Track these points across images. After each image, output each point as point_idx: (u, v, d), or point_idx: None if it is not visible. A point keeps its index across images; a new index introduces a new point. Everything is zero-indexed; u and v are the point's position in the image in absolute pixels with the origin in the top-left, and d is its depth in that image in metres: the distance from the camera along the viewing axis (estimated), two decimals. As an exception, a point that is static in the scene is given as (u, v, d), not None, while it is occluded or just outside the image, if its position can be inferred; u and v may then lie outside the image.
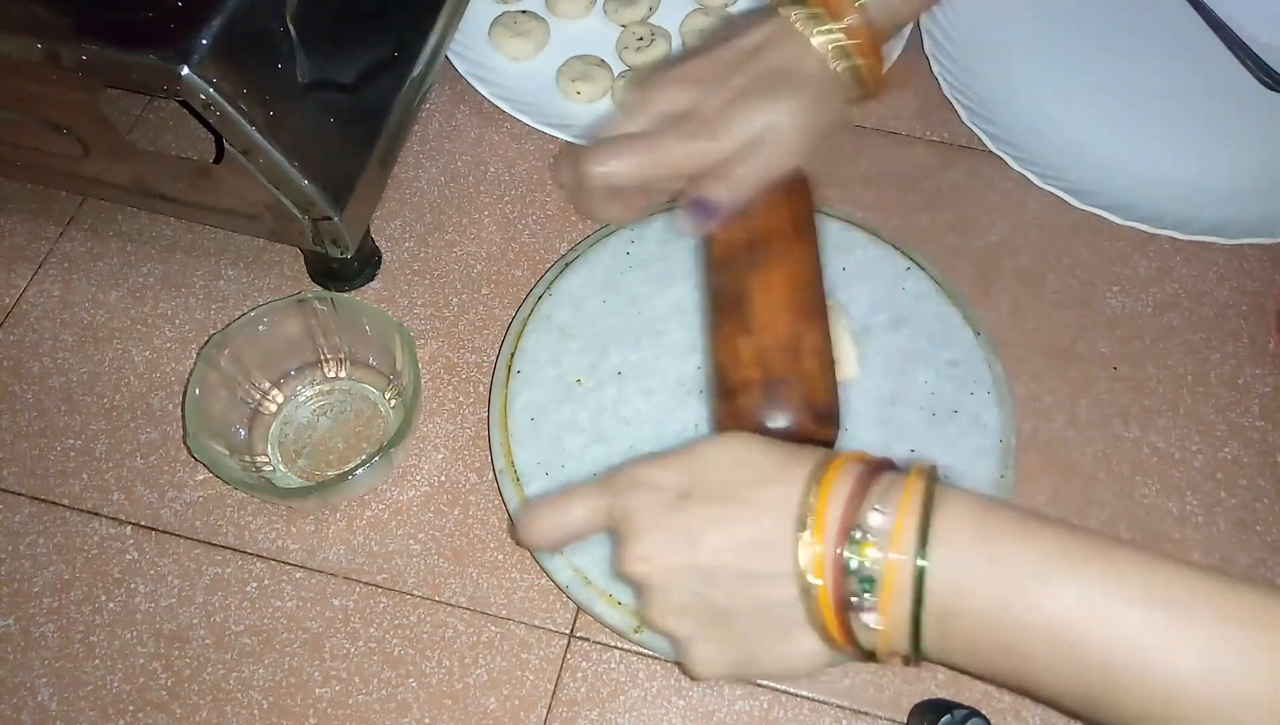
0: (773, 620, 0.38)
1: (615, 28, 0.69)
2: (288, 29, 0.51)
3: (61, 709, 0.48)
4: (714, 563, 0.37)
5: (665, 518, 0.38)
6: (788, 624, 0.37)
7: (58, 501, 0.53)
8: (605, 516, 0.41)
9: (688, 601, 0.38)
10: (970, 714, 0.44)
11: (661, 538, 0.38)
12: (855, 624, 0.36)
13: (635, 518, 0.39)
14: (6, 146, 0.56)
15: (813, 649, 0.38)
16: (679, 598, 0.38)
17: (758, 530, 0.37)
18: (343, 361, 0.56)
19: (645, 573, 0.39)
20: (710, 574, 0.38)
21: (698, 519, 0.38)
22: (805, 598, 0.36)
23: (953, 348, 0.54)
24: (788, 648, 0.38)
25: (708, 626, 0.39)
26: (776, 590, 0.37)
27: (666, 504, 0.39)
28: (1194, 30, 0.69)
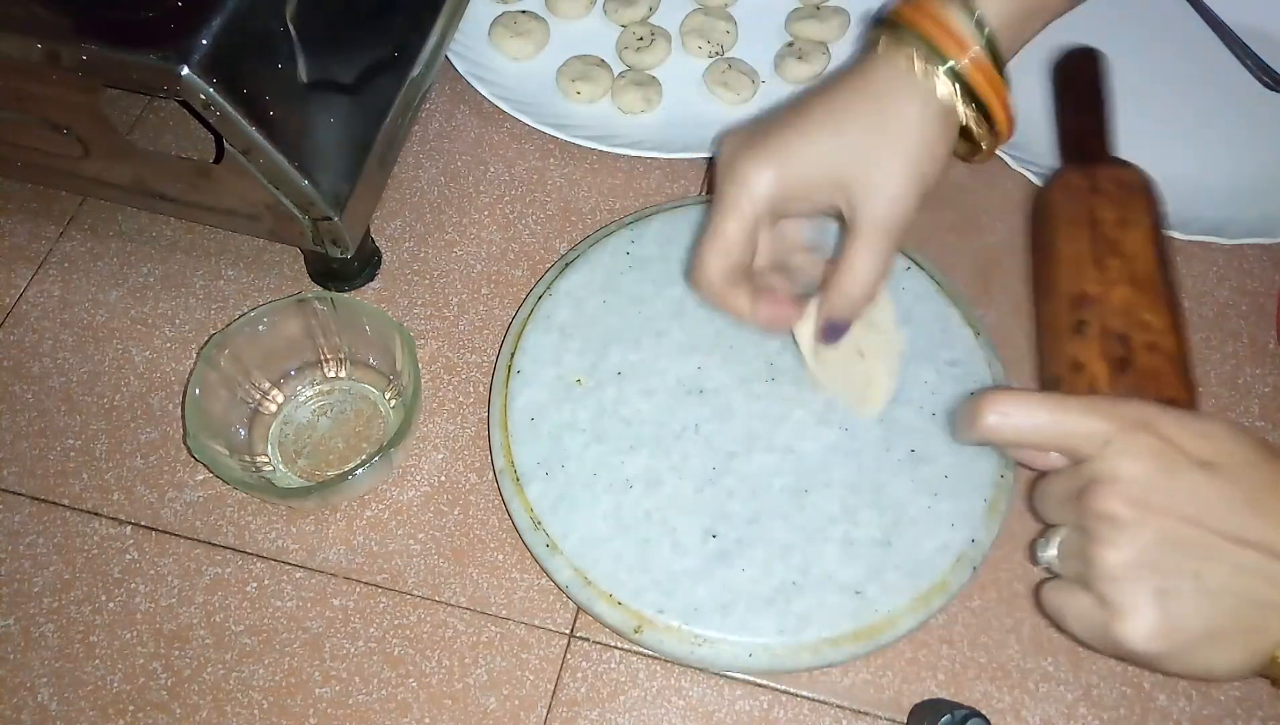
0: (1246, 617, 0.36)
1: (615, 28, 0.69)
2: (288, 29, 0.51)
3: (61, 709, 0.48)
4: (1215, 543, 0.36)
5: (1180, 475, 0.36)
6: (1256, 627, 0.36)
7: (58, 501, 0.53)
8: (1096, 438, 0.38)
9: (1163, 562, 0.36)
10: (970, 714, 0.44)
11: (1170, 491, 0.36)
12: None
13: (1140, 459, 0.37)
14: (6, 146, 0.56)
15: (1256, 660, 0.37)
16: (1156, 555, 0.36)
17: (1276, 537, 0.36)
18: (343, 361, 0.56)
19: (1130, 516, 0.36)
20: (1206, 549, 0.36)
21: (1218, 494, 0.36)
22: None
23: (953, 348, 0.54)
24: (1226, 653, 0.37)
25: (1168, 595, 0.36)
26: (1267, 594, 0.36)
27: (1181, 464, 0.37)
28: (1194, 30, 0.69)
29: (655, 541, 0.49)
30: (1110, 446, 0.37)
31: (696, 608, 0.47)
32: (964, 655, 0.49)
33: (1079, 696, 0.48)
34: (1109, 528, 0.37)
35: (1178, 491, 0.36)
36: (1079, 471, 0.39)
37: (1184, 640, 0.36)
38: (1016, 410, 0.39)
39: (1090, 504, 0.37)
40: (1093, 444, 0.38)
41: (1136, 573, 0.36)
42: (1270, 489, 0.37)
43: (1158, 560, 0.36)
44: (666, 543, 0.49)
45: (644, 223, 0.58)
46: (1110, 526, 0.37)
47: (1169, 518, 0.36)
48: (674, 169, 0.64)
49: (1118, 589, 0.37)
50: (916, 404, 0.52)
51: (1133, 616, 0.36)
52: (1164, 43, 0.69)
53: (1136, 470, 0.37)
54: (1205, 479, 0.36)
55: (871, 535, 0.48)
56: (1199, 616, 0.36)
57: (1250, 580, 0.36)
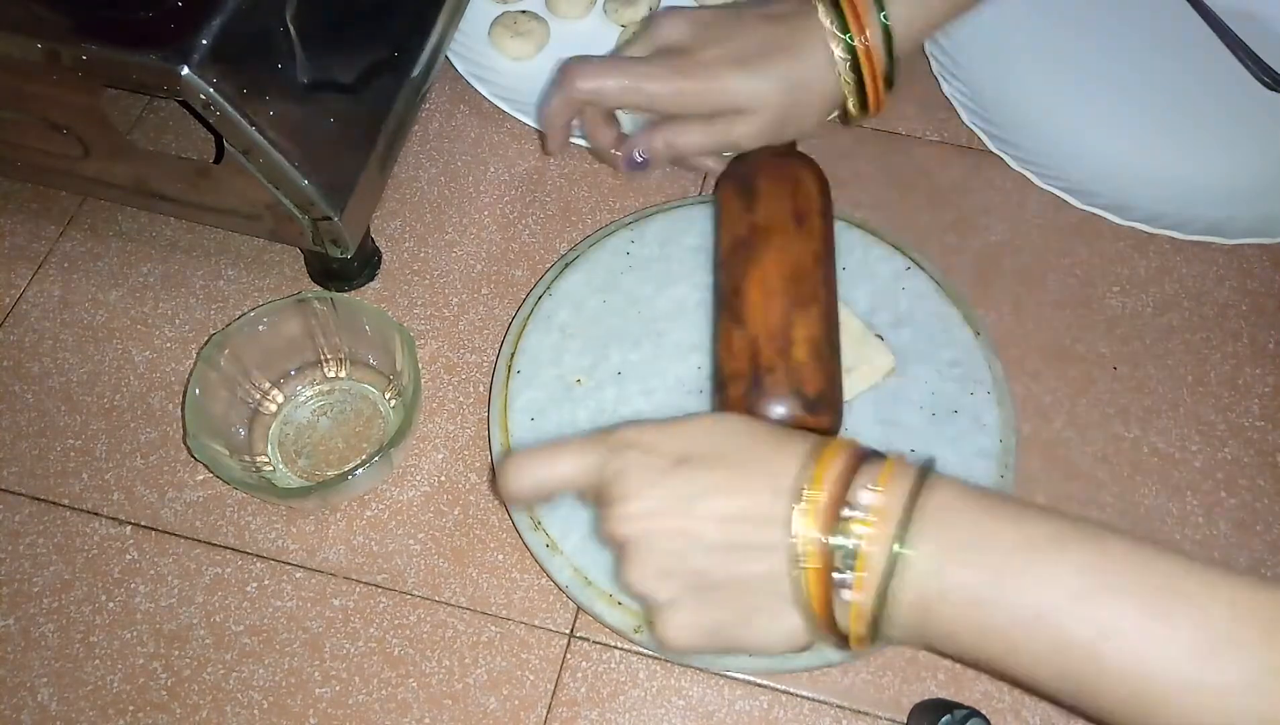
0: (756, 593, 0.37)
1: (615, 28, 0.69)
2: (288, 29, 0.51)
3: (61, 709, 0.48)
4: (704, 530, 0.37)
5: (658, 480, 0.38)
6: (770, 598, 0.37)
7: (58, 501, 0.53)
8: (593, 473, 0.40)
9: (672, 566, 0.38)
10: (970, 714, 0.44)
11: (653, 500, 0.38)
12: (835, 601, 0.36)
13: (627, 478, 0.39)
14: (6, 146, 0.56)
15: (792, 626, 0.38)
16: (663, 561, 0.38)
17: (752, 502, 0.37)
18: (343, 361, 0.56)
19: (632, 533, 0.38)
20: (699, 540, 0.37)
21: (692, 485, 0.38)
22: (793, 570, 0.36)
23: (953, 348, 0.54)
24: (767, 623, 0.38)
25: (689, 593, 0.38)
26: (765, 563, 0.37)
27: (660, 468, 0.38)
28: (1194, 30, 0.69)
29: (655, 541, 0.48)
30: (603, 472, 0.39)
31: (696, 608, 0.47)
32: (964, 655, 0.49)
33: (1079, 696, 0.48)
34: (618, 549, 0.39)
35: (658, 494, 0.38)
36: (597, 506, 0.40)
37: (715, 628, 0.38)
38: (522, 472, 0.41)
39: (602, 532, 0.39)
40: (596, 475, 0.40)
41: (650, 585, 0.38)
42: (744, 462, 0.38)
43: (666, 565, 0.38)
44: (666, 543, 0.48)
45: (644, 223, 0.58)
46: (619, 549, 0.39)
47: (660, 521, 0.38)
48: (674, 169, 0.64)
49: (645, 606, 0.39)
50: (916, 404, 0.52)
51: (665, 627, 0.38)
52: (1164, 43, 0.69)
53: (624, 488, 0.38)
54: (682, 473, 0.38)
55: (871, 535, 0.48)
56: (717, 606, 0.38)
57: (743, 556, 0.37)
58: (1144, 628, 0.32)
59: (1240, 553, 0.52)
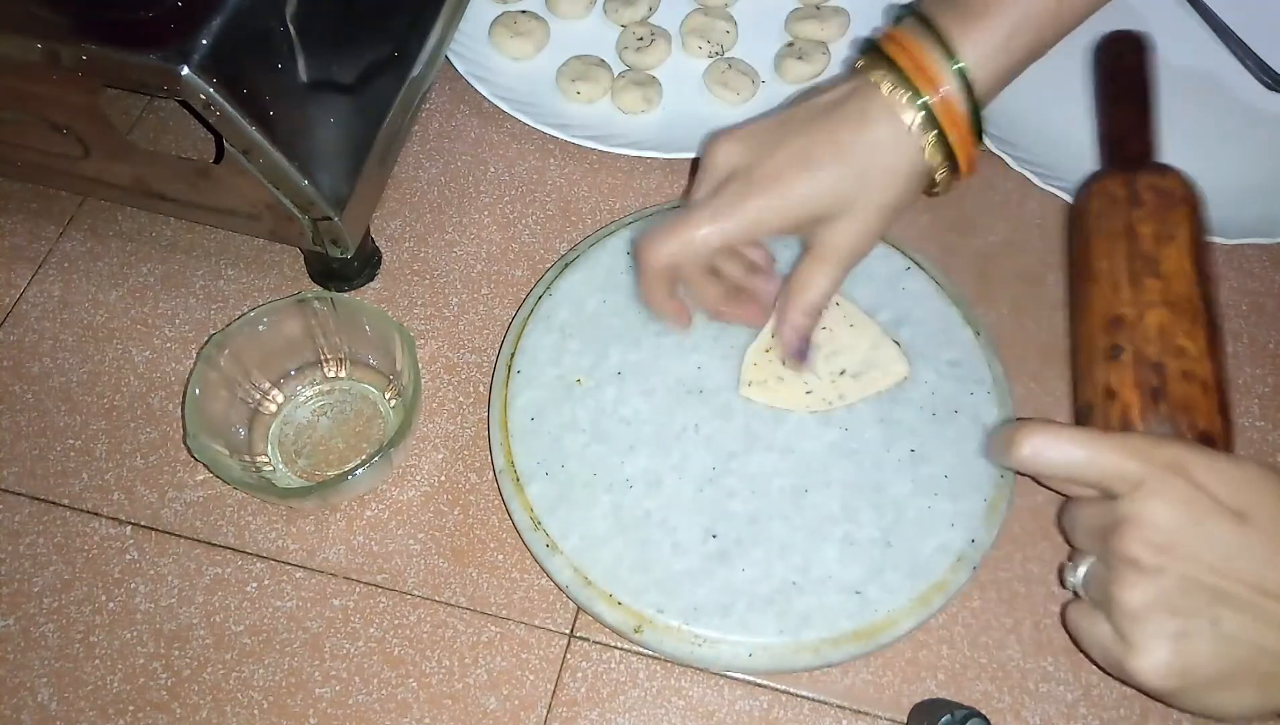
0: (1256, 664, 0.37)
1: (615, 28, 0.69)
2: (288, 29, 0.51)
3: (61, 709, 0.48)
4: (1236, 591, 0.37)
5: (1208, 522, 0.37)
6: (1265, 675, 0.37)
7: (58, 501, 0.53)
8: (1126, 479, 0.38)
9: (1184, 608, 0.37)
10: (970, 714, 0.44)
11: (1197, 538, 0.37)
12: None
13: (1172, 505, 0.37)
14: (6, 146, 0.56)
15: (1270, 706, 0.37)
16: (1178, 602, 0.37)
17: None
18: (343, 361, 0.56)
19: (1155, 563, 0.37)
20: (1227, 597, 0.37)
21: (1239, 544, 0.37)
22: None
23: (953, 348, 0.54)
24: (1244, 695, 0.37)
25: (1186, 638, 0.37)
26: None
27: (1212, 510, 0.37)
28: (1194, 30, 0.69)
29: (655, 541, 0.49)
30: (1141, 488, 0.38)
31: (696, 608, 0.47)
32: (964, 655, 0.49)
33: (1079, 696, 0.48)
34: (1130, 570, 0.38)
35: (1204, 540, 0.37)
36: (1109, 508, 0.39)
37: (1195, 681, 0.37)
38: (1050, 446, 0.40)
39: (1116, 545, 0.38)
40: (1124, 484, 0.39)
41: (1154, 614, 0.37)
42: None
43: (1176, 604, 0.37)
44: (666, 543, 0.49)
45: (644, 223, 0.58)
46: (1133, 569, 0.38)
47: (1192, 564, 0.37)
48: (674, 169, 0.64)
49: (1135, 627, 0.38)
50: (916, 404, 0.52)
51: (1146, 655, 0.37)
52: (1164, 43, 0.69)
53: (1165, 516, 0.37)
54: (1233, 528, 0.37)
55: (871, 535, 0.48)
56: (1212, 660, 0.37)
57: (1267, 630, 0.36)
58: None
59: (1240, 553, 0.52)
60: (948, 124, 0.45)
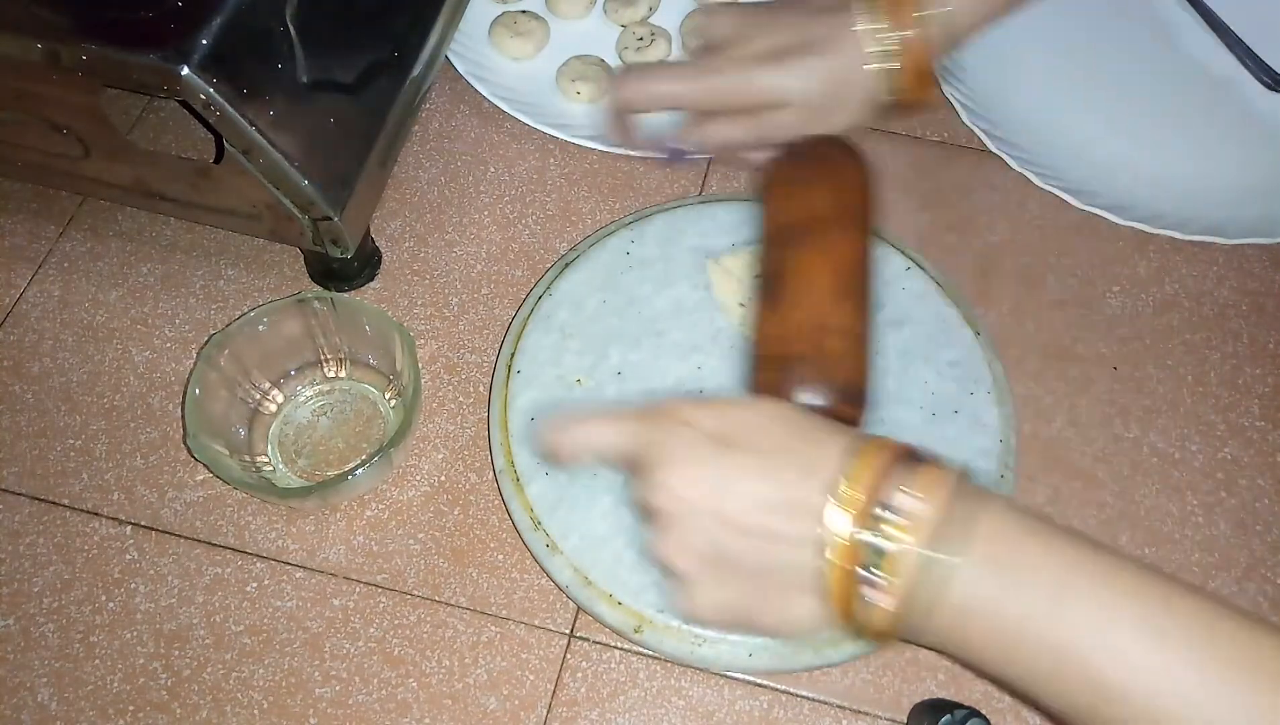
0: (781, 578, 0.38)
1: (615, 28, 0.69)
2: (288, 29, 0.51)
3: (61, 709, 0.48)
4: (739, 513, 0.38)
5: (699, 456, 0.39)
6: (794, 585, 0.38)
7: (58, 501, 0.53)
8: (634, 441, 0.41)
9: (702, 543, 0.39)
10: (970, 714, 0.44)
11: (692, 474, 0.39)
12: (858, 599, 0.36)
13: (668, 449, 0.39)
14: (6, 146, 0.56)
15: (811, 614, 0.38)
16: (694, 538, 0.39)
17: (788, 491, 0.38)
18: (343, 361, 0.56)
19: (667, 504, 0.39)
20: (732, 522, 0.38)
21: (731, 466, 0.38)
22: (818, 562, 0.37)
23: (953, 348, 0.54)
24: (787, 607, 0.39)
25: (715, 570, 0.39)
26: (793, 552, 0.37)
27: (701, 444, 0.39)
28: (1194, 30, 0.69)
29: (655, 541, 0.49)
30: (644, 441, 0.40)
31: (696, 608, 0.47)
32: (964, 655, 0.49)
33: (1079, 696, 0.48)
34: (651, 519, 0.40)
35: (703, 471, 0.39)
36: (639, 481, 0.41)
37: (736, 607, 0.39)
38: (574, 428, 0.42)
39: (635, 499, 0.40)
40: (636, 443, 0.40)
41: (684, 559, 0.39)
42: (782, 449, 0.39)
43: (693, 543, 0.39)
44: (666, 543, 0.48)
45: (644, 223, 0.58)
46: (651, 519, 0.40)
47: (692, 500, 0.39)
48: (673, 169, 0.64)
49: (671, 577, 0.40)
50: (916, 404, 0.52)
51: (688, 600, 0.40)
52: (1164, 43, 0.69)
53: (659, 455, 0.39)
54: (720, 452, 0.39)
55: (871, 535, 0.48)
56: (736, 583, 0.39)
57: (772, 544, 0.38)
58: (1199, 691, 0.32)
59: (1240, 553, 0.52)
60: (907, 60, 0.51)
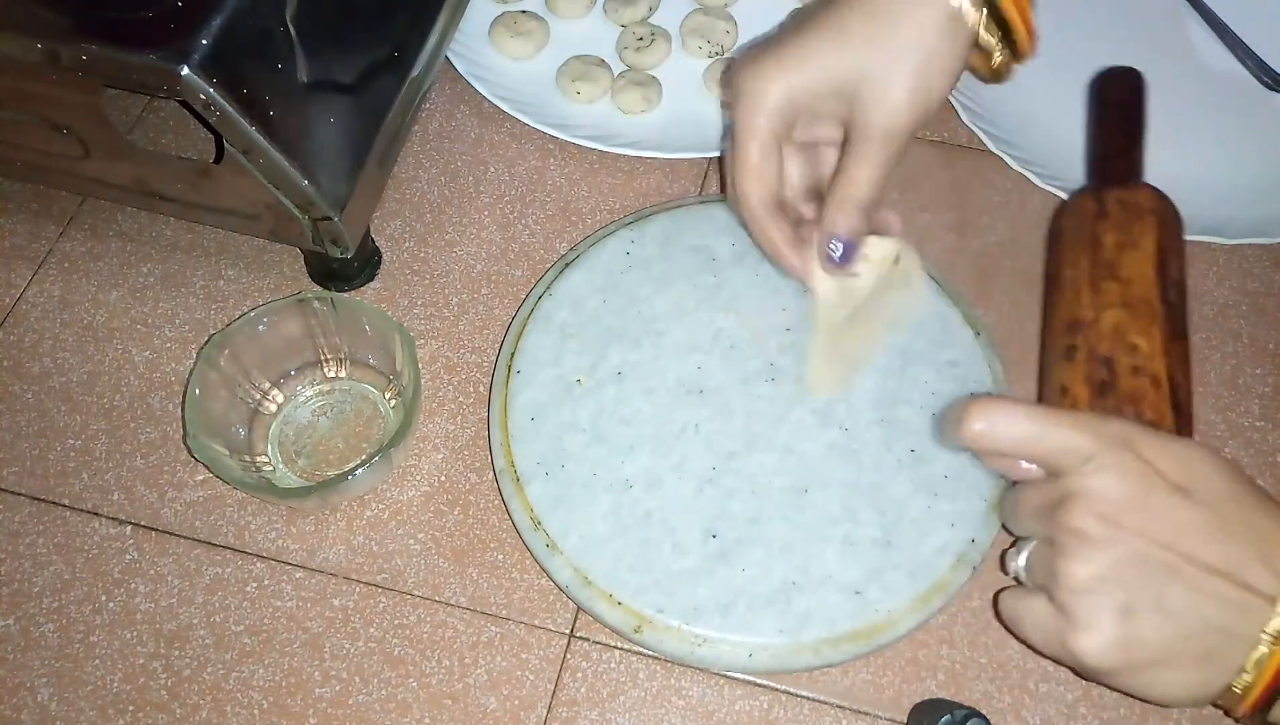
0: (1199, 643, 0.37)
1: (615, 28, 0.69)
2: (288, 29, 0.51)
3: (61, 709, 0.48)
4: (1180, 566, 0.36)
5: (1152, 498, 0.37)
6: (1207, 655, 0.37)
7: (58, 501, 0.53)
8: (1073, 455, 0.38)
9: (1129, 581, 0.37)
10: (970, 714, 0.44)
11: (1145, 512, 0.37)
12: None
13: (1120, 479, 0.37)
14: (6, 146, 0.56)
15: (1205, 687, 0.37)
16: (1123, 574, 0.37)
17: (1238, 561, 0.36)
18: (343, 361, 0.56)
19: (1101, 534, 0.37)
20: (1172, 573, 0.37)
21: (1184, 519, 0.37)
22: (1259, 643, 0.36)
23: (953, 348, 0.54)
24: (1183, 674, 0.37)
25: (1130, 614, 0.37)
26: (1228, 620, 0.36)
27: (1160, 486, 0.37)
28: (1194, 30, 0.69)
29: (655, 541, 0.49)
30: (1090, 463, 0.38)
31: (696, 608, 0.47)
32: (964, 655, 0.49)
33: (1079, 696, 0.48)
34: (1078, 542, 0.37)
35: (1151, 513, 0.37)
36: (1056, 485, 0.39)
37: (1139, 659, 0.37)
38: (1002, 419, 0.39)
39: (1063, 518, 0.38)
40: (1073, 459, 0.38)
41: (1100, 587, 0.37)
42: (1242, 519, 0.37)
43: (1123, 578, 0.37)
44: (666, 543, 0.49)
45: (644, 223, 0.58)
46: (1079, 541, 0.37)
47: (1139, 538, 0.37)
48: (674, 169, 0.64)
49: (1079, 601, 0.37)
50: (917, 404, 0.52)
51: (1090, 630, 0.37)
52: (1164, 43, 0.69)
53: (1112, 488, 0.37)
54: (1179, 503, 0.37)
55: (871, 535, 0.48)
56: (1157, 636, 0.37)
57: (1213, 606, 0.36)
58: None
59: (1240, 553, 0.52)
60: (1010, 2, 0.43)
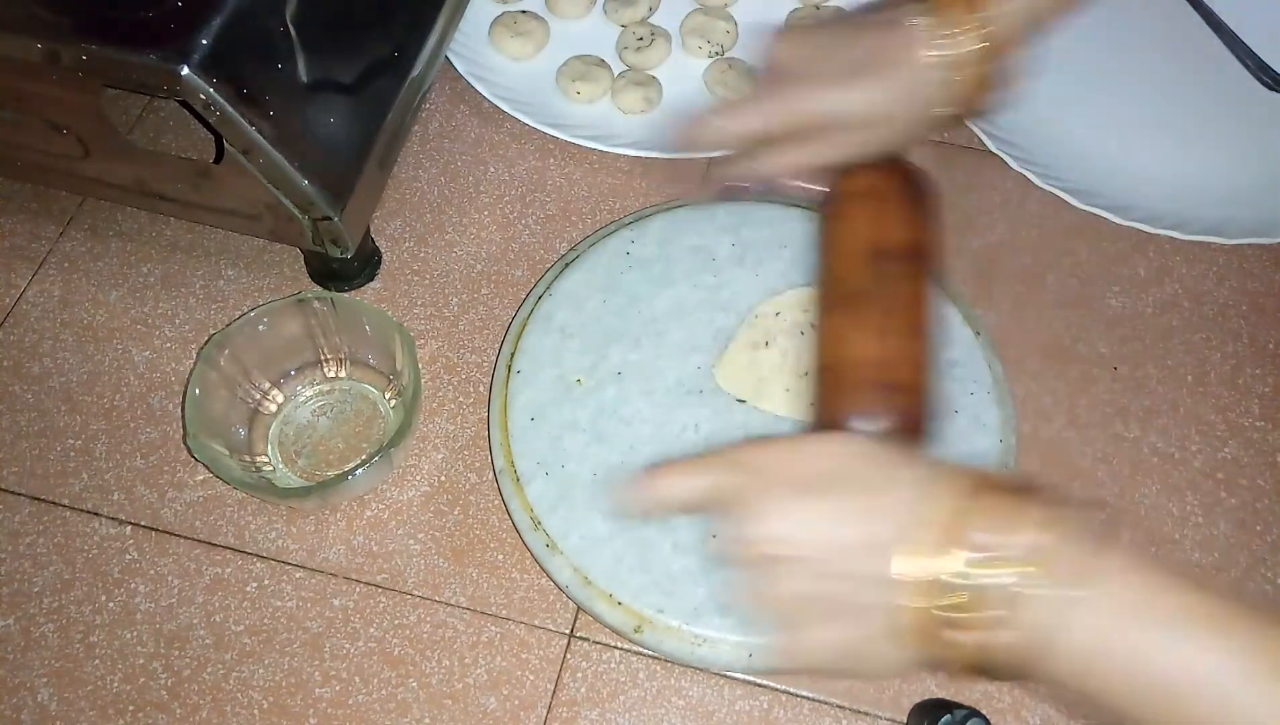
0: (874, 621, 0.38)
1: (615, 28, 0.69)
2: (288, 29, 0.51)
3: (61, 709, 0.48)
4: (828, 558, 0.38)
5: (780, 508, 0.39)
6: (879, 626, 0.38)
7: (58, 501, 0.53)
8: (714, 494, 0.41)
9: (795, 587, 0.39)
10: (970, 714, 0.44)
11: (789, 524, 0.39)
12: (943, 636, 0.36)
13: (748, 500, 0.39)
14: (6, 146, 0.56)
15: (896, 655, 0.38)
16: (789, 583, 0.39)
17: (870, 532, 0.38)
18: (343, 361, 0.56)
19: (771, 555, 0.39)
20: (824, 567, 0.38)
21: (809, 512, 0.39)
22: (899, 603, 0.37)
23: (953, 348, 0.54)
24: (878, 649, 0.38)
25: (816, 616, 0.39)
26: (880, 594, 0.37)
27: (781, 493, 0.39)
28: (1194, 30, 0.69)
29: (655, 541, 0.49)
30: (738, 494, 0.40)
31: (696, 608, 0.47)
32: (964, 655, 0.49)
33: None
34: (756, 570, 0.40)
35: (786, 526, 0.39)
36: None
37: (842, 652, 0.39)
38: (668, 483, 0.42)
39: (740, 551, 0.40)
40: (727, 495, 0.40)
41: (792, 605, 0.39)
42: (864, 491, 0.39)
43: (798, 589, 0.39)
44: (666, 543, 0.49)
45: (644, 223, 0.58)
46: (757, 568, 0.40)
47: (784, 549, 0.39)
48: (674, 169, 0.64)
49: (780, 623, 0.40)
50: (916, 404, 0.52)
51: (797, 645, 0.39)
52: (1164, 43, 0.69)
53: (746, 512, 0.39)
54: (806, 502, 0.39)
55: (871, 535, 0.48)
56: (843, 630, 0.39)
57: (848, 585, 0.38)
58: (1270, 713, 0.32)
59: (1240, 553, 0.52)
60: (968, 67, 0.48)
